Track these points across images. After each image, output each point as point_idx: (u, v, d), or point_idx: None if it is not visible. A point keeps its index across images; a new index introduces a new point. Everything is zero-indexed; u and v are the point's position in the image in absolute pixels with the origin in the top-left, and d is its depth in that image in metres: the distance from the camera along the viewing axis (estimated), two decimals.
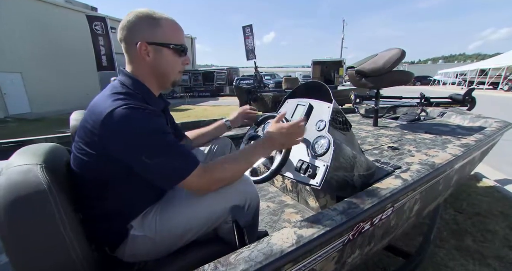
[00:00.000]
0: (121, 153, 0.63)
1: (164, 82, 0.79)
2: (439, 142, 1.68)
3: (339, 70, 15.00)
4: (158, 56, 0.73)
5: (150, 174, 0.65)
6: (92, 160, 0.65)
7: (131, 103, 0.62)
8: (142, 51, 0.71)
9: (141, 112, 0.62)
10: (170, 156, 0.65)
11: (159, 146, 0.63)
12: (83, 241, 0.62)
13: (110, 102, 0.62)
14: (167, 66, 0.76)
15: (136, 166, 0.64)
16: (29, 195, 0.52)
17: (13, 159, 0.60)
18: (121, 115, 0.60)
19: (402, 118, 2.55)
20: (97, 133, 0.61)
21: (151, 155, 0.62)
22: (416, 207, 1.05)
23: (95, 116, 0.62)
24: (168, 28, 0.73)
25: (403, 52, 1.85)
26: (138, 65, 0.74)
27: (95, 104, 0.65)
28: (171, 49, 0.74)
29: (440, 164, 1.03)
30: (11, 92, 9.51)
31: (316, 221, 0.67)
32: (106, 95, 0.66)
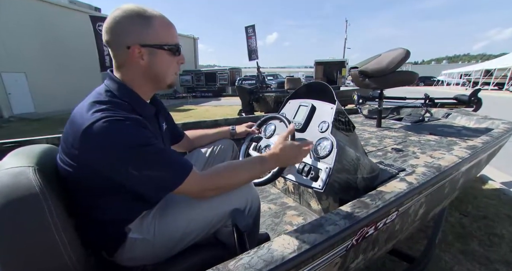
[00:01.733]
0: (105, 168, 0.59)
1: (160, 84, 0.74)
2: (445, 144, 1.65)
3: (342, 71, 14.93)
4: (153, 58, 0.67)
5: (139, 186, 0.62)
6: (76, 171, 0.62)
7: (112, 115, 0.57)
8: (135, 54, 0.65)
9: (122, 125, 0.58)
10: (160, 166, 0.62)
11: (145, 157, 0.60)
12: (78, 245, 0.60)
13: (90, 114, 0.57)
14: (163, 68, 0.70)
15: (122, 179, 0.60)
16: (20, 198, 0.50)
17: (5, 161, 0.59)
18: (101, 130, 0.55)
19: (406, 119, 2.51)
20: (76, 146, 0.58)
21: (138, 167, 0.59)
22: (421, 211, 1.03)
23: (74, 129, 0.58)
24: (161, 27, 0.67)
25: (407, 52, 1.82)
26: (129, 69, 0.68)
27: (75, 115, 0.61)
28: (166, 50, 0.68)
29: (447, 167, 1.00)
30: (16, 92, 9.57)
31: (318, 225, 0.65)
32: (87, 104, 0.60)
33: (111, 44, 0.66)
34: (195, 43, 20.79)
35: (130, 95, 0.68)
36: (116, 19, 0.63)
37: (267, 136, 1.25)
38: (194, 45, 20.77)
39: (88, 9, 12.29)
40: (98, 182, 0.63)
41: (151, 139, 0.62)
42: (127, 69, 0.68)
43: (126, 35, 0.64)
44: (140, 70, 0.68)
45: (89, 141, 0.56)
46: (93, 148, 0.57)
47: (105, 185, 0.64)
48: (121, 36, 0.64)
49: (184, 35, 19.43)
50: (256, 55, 12.49)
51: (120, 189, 0.66)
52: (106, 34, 0.65)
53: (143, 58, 0.66)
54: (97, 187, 0.64)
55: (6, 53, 9.16)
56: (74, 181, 0.64)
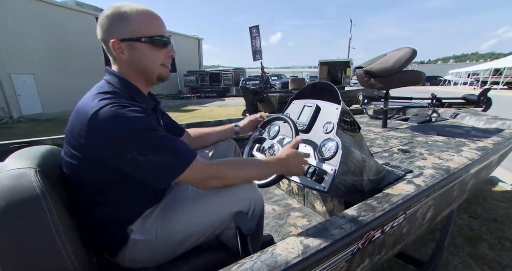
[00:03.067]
0: (110, 154, 0.60)
1: (148, 78, 0.74)
2: (453, 145, 1.61)
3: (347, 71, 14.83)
4: (133, 52, 0.68)
5: (144, 172, 0.62)
6: (82, 164, 0.62)
7: (117, 102, 0.60)
8: (116, 49, 0.67)
9: (128, 110, 0.59)
10: (164, 151, 0.62)
11: (150, 142, 0.60)
12: (79, 247, 0.60)
13: (96, 102, 0.59)
14: (146, 62, 0.70)
15: (127, 165, 0.60)
16: (21, 200, 0.50)
17: (7, 162, 0.59)
18: (107, 115, 0.57)
19: (412, 119, 2.47)
20: (83, 134, 0.59)
21: (143, 152, 0.59)
22: (429, 214, 1.00)
23: (81, 117, 0.59)
24: (140, 20, 0.67)
25: (414, 51, 1.78)
26: (118, 64, 0.71)
27: (80, 106, 0.62)
28: (145, 43, 0.68)
29: (456, 168, 0.97)
30: (24, 93, 9.75)
31: (323, 229, 0.63)
32: (91, 96, 0.63)
33: (102, 41, 0.69)
34: (199, 44, 20.90)
35: (129, 87, 0.70)
36: (101, 17, 0.67)
37: (271, 137, 1.24)
38: (199, 45, 20.88)
39: (94, 11, 12.45)
40: (101, 175, 0.64)
41: (155, 124, 0.64)
42: (117, 64, 0.71)
43: (109, 31, 0.67)
44: (125, 64, 0.70)
45: (96, 126, 0.57)
46: (100, 133, 0.58)
47: (108, 178, 0.65)
48: (105, 33, 0.67)
49: (188, 36, 19.55)
50: (260, 56, 12.48)
51: (125, 182, 0.66)
52: (98, 33, 0.69)
53: (123, 52, 0.68)
54: (99, 180, 0.65)
55: (15, 55, 9.34)
56: (77, 176, 0.65)
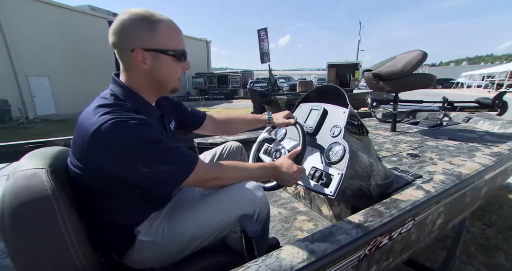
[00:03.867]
0: (115, 168, 0.61)
1: (163, 89, 0.73)
2: (465, 150, 1.56)
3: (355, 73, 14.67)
4: (156, 63, 0.67)
5: (150, 182, 0.64)
6: (87, 175, 0.63)
7: (118, 117, 0.58)
8: (138, 58, 0.65)
9: (129, 124, 0.59)
10: (168, 161, 0.63)
11: (155, 154, 0.61)
12: (88, 246, 0.61)
13: (97, 117, 0.58)
14: (166, 74, 0.70)
15: (134, 177, 0.62)
16: (33, 200, 0.52)
17: (21, 162, 0.61)
18: (108, 131, 0.56)
19: (422, 123, 2.41)
20: (86, 150, 0.59)
21: (149, 164, 0.60)
22: (439, 221, 0.97)
23: (83, 133, 0.59)
24: (167, 33, 0.67)
25: (424, 54, 1.75)
26: (133, 72, 0.68)
27: (82, 119, 0.62)
28: (170, 56, 0.68)
29: (468, 174, 0.94)
30: (40, 95, 10.10)
31: (329, 234, 0.63)
32: (92, 109, 0.62)
33: (116, 46, 0.66)
34: (207, 46, 21.13)
35: (134, 98, 0.68)
36: (122, 22, 0.63)
37: (278, 140, 1.24)
38: (207, 48, 21.11)
39: (107, 15, 12.81)
40: (107, 184, 0.64)
41: (157, 136, 0.63)
42: (131, 72, 0.68)
43: (131, 38, 0.64)
44: (143, 74, 0.68)
45: (98, 143, 0.57)
46: (102, 150, 0.58)
47: (114, 187, 0.65)
48: (125, 39, 0.64)
49: (197, 38, 19.80)
50: (268, 58, 12.50)
51: (129, 191, 0.67)
52: (112, 36, 0.65)
53: (146, 62, 0.66)
54: (106, 189, 0.66)
55: (32, 57, 9.70)
56: (84, 184, 0.65)
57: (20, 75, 9.39)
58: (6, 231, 0.50)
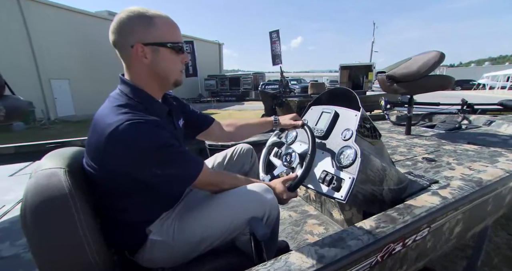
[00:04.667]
0: (129, 169, 0.63)
1: (166, 83, 0.74)
2: (486, 155, 1.49)
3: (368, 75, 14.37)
4: (156, 56, 0.68)
5: (160, 183, 0.68)
6: (100, 175, 0.66)
7: (134, 118, 0.60)
8: (139, 53, 0.66)
9: (145, 127, 0.61)
10: (179, 164, 0.68)
11: (167, 157, 0.65)
12: (102, 244, 0.64)
13: (113, 117, 0.60)
14: (167, 66, 0.71)
15: (146, 178, 0.65)
16: (52, 198, 0.55)
17: (42, 162, 0.64)
18: (125, 132, 0.58)
19: (439, 126, 2.32)
20: (101, 150, 0.61)
21: (162, 166, 0.64)
22: (457, 229, 0.93)
23: (98, 133, 0.60)
24: (163, 26, 0.68)
25: (442, 55, 1.69)
26: (136, 69, 0.69)
27: (97, 120, 0.63)
28: (168, 48, 0.69)
29: (489, 181, 0.90)
30: (60, 97, 10.62)
31: (339, 239, 0.62)
32: (107, 110, 0.64)
33: (117, 45, 0.67)
34: (220, 49, 21.41)
35: (142, 96, 0.70)
36: (120, 20, 0.65)
37: (288, 143, 1.23)
38: (219, 50, 21.38)
39: None
40: (120, 184, 0.67)
41: (171, 139, 0.66)
42: (134, 68, 0.70)
43: (129, 34, 0.65)
44: (145, 68, 0.69)
45: (114, 144, 0.59)
46: (118, 151, 0.60)
47: (127, 187, 0.68)
48: (125, 36, 0.66)
49: (209, 41, 20.10)
50: (280, 60, 12.51)
51: (141, 190, 0.69)
52: (112, 35, 0.66)
53: (146, 56, 0.67)
54: (119, 189, 0.68)
55: (54, 62, 10.23)
56: (98, 183, 0.68)
57: (43, 78, 9.94)
58: (28, 227, 0.53)
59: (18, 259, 0.80)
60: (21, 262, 0.79)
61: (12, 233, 0.94)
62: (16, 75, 8.27)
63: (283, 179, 0.90)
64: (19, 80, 8.22)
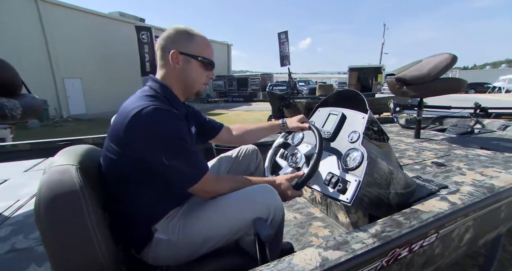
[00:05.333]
0: (143, 150, 0.67)
1: (188, 90, 0.84)
2: (500, 160, 1.44)
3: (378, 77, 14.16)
4: (186, 65, 0.80)
5: (166, 175, 0.71)
6: (118, 157, 0.70)
7: (158, 105, 0.68)
8: (173, 58, 0.78)
9: (167, 114, 0.68)
10: (186, 161, 0.71)
11: (178, 149, 0.70)
12: (110, 241, 0.65)
13: (139, 102, 0.68)
14: (193, 76, 0.82)
15: (155, 164, 0.69)
16: (64, 193, 0.57)
17: (55, 159, 0.67)
18: (148, 115, 0.65)
19: (450, 130, 2.26)
20: (123, 130, 0.66)
21: (170, 156, 0.68)
22: (467, 236, 0.91)
23: (124, 115, 0.67)
24: (200, 44, 0.81)
25: (454, 58, 1.65)
26: (167, 71, 0.80)
27: (125, 105, 0.71)
28: (199, 62, 0.81)
29: (502, 187, 0.87)
30: (72, 95, 10.93)
31: (344, 242, 0.61)
32: (135, 97, 0.73)
33: (160, 49, 0.80)
34: (228, 50, 21.54)
35: (168, 93, 0.79)
36: (169, 31, 0.79)
37: (295, 144, 1.23)
38: (228, 51, 21.52)
39: (134, 20, 13.52)
40: (134, 170, 0.71)
41: (185, 135, 0.72)
42: (165, 69, 0.81)
43: (172, 42, 0.78)
44: (175, 72, 0.80)
45: (136, 123, 0.65)
46: (139, 129, 0.66)
47: (139, 173, 0.72)
48: (168, 43, 0.79)
49: (218, 42, 20.25)
50: (288, 61, 12.47)
51: (154, 180, 0.73)
52: (159, 41, 0.80)
53: (178, 63, 0.79)
54: (131, 176, 0.72)
55: (67, 61, 10.53)
56: (114, 171, 0.73)
57: (57, 77, 10.25)
58: (41, 220, 0.55)
59: (31, 252, 0.83)
60: (34, 254, 0.81)
61: (25, 226, 0.97)
62: (32, 75, 8.58)
63: (289, 176, 0.91)
64: (35, 79, 8.52)
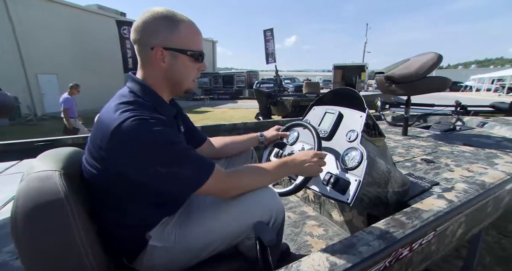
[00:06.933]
0: (132, 168, 0.59)
1: (177, 89, 0.73)
2: (482, 156, 1.51)
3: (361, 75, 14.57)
4: (174, 62, 0.68)
5: (166, 185, 0.62)
6: (101, 174, 0.62)
7: (139, 115, 0.58)
8: (157, 56, 0.65)
9: (150, 123, 0.58)
10: (186, 163, 0.62)
11: (172, 155, 0.60)
12: (99, 251, 0.60)
13: (118, 114, 0.58)
14: (182, 73, 0.71)
15: (150, 179, 0.60)
16: (46, 203, 0.50)
17: (35, 163, 0.59)
18: (130, 128, 0.56)
19: (434, 127, 2.35)
20: (104, 148, 0.58)
21: (166, 165, 0.59)
22: (460, 231, 0.94)
23: (103, 129, 0.58)
24: (187, 33, 0.68)
25: (439, 57, 1.70)
26: (151, 70, 0.68)
27: (102, 117, 0.61)
28: (188, 56, 0.69)
29: (492, 184, 0.90)
30: (48, 92, 10.24)
31: (350, 246, 0.60)
32: (113, 106, 0.61)
33: (137, 43, 0.67)
34: (213, 46, 21.20)
35: (151, 96, 0.68)
36: (145, 20, 0.64)
37: (290, 143, 1.21)
38: (213, 48, 21.18)
39: (115, 14, 12.93)
40: (122, 185, 0.63)
41: (178, 137, 0.63)
42: (149, 69, 0.69)
43: (151, 36, 0.64)
44: (160, 72, 0.68)
45: (118, 140, 0.56)
46: (122, 147, 0.57)
47: (129, 188, 0.64)
48: (147, 37, 0.65)
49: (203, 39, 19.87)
50: (274, 59, 12.48)
51: (142, 192, 0.65)
52: (134, 33, 0.66)
53: (164, 60, 0.67)
54: (120, 190, 0.64)
55: (41, 55, 9.85)
56: (98, 184, 0.64)
57: (30, 73, 9.55)
58: (18, 233, 0.49)
59: (5, 267, 0.74)
60: (9, 270, 0.73)
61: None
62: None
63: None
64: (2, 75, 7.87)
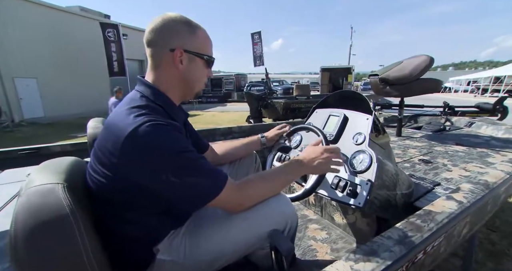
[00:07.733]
0: (145, 175, 0.56)
1: (188, 92, 0.74)
2: (476, 156, 1.56)
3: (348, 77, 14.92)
4: (190, 65, 0.69)
5: (178, 195, 0.59)
6: (111, 183, 0.58)
7: (154, 119, 0.56)
8: (176, 58, 0.66)
9: (167, 129, 0.57)
10: (200, 173, 0.60)
11: (187, 164, 0.58)
12: (107, 265, 0.55)
13: (132, 118, 0.56)
14: (197, 76, 0.72)
15: (161, 187, 0.57)
16: (50, 220, 0.45)
17: (33, 176, 0.54)
18: (146, 133, 0.54)
19: (425, 128, 2.43)
20: (117, 154, 0.55)
21: (179, 174, 0.56)
22: (465, 231, 0.95)
23: (115, 135, 0.55)
24: (203, 38, 0.71)
25: (431, 59, 1.76)
26: (164, 72, 0.68)
27: (113, 122, 0.59)
28: (203, 60, 0.71)
29: (495, 183, 0.92)
30: (27, 97, 9.70)
31: (372, 252, 0.58)
32: (125, 111, 0.59)
33: (152, 44, 0.66)
34: None
35: (163, 100, 0.67)
36: (164, 21, 0.65)
37: (293, 147, 1.19)
38: None
39: (98, 16, 12.55)
40: (131, 194, 0.59)
41: (190, 145, 0.61)
42: (162, 71, 0.68)
43: (173, 37, 0.65)
44: (176, 73, 0.68)
45: (133, 145, 0.54)
46: (137, 152, 0.54)
47: (137, 197, 0.60)
48: (166, 38, 0.65)
49: None
50: (262, 61, 12.56)
51: (151, 202, 0.62)
52: (150, 34, 0.65)
53: (182, 62, 0.67)
54: (129, 200, 0.60)
55: (19, 59, 9.35)
56: (105, 194, 0.60)
57: (5, 77, 9.00)
58: (18, 253, 0.44)
59: None
60: None
61: None
62: None
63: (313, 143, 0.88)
64: None
